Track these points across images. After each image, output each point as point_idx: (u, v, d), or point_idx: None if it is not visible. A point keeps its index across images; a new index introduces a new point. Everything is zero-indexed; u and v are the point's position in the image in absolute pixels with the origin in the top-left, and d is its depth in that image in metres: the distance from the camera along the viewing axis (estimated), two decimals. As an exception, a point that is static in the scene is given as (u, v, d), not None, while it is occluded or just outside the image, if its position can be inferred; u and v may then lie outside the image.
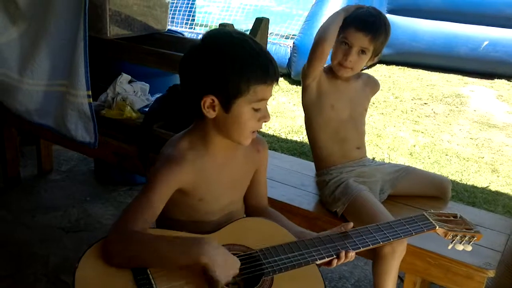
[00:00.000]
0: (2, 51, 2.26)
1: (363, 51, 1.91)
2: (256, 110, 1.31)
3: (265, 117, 1.33)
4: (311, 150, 2.10)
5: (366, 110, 2.12)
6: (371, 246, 1.41)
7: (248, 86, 1.26)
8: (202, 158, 1.34)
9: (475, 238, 1.52)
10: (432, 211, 1.59)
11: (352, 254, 1.37)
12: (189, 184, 1.32)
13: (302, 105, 2.04)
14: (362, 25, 1.88)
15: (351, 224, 1.43)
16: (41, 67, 2.21)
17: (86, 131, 2.18)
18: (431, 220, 1.53)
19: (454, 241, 1.52)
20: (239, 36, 1.33)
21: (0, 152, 2.94)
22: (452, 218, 1.57)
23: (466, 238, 1.51)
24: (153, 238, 1.22)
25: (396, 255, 1.70)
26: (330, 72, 2.00)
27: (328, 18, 1.94)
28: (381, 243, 1.42)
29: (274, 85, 1.32)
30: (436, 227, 1.51)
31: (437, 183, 2.08)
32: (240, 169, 1.45)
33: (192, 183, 1.33)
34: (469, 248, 1.53)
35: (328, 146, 2.02)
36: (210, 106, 1.29)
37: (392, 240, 1.44)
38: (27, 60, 2.23)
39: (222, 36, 1.34)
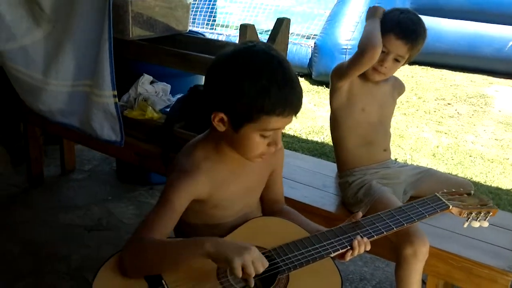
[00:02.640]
0: (26, 53, 2.29)
1: (398, 58, 1.88)
2: (266, 136, 1.26)
3: (276, 144, 1.27)
4: (335, 151, 2.07)
5: (393, 112, 2.10)
6: (384, 233, 1.37)
7: (259, 115, 1.20)
8: (216, 167, 1.33)
9: (491, 214, 1.47)
10: (444, 190, 1.53)
11: (366, 243, 1.33)
12: (204, 193, 1.32)
13: (331, 107, 2.01)
14: (403, 33, 1.83)
15: (360, 214, 1.41)
16: (66, 67, 2.24)
17: (112, 130, 2.21)
18: (444, 200, 1.48)
19: (470, 219, 1.47)
20: (273, 59, 1.23)
21: (24, 151, 2.99)
22: (466, 196, 1.52)
23: (482, 214, 1.46)
24: (159, 242, 1.23)
25: (419, 258, 1.66)
26: (362, 74, 1.94)
27: (368, 26, 1.87)
28: (394, 228, 1.38)
29: (292, 117, 1.25)
30: (449, 206, 1.46)
31: (459, 186, 2.05)
32: (255, 174, 1.44)
33: (207, 192, 1.32)
34: (485, 224, 1.48)
35: (355, 149, 1.99)
36: (220, 121, 1.26)
37: (405, 224, 1.40)
38: (52, 61, 2.26)
39: (253, 54, 1.23)
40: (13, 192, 2.94)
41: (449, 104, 5.04)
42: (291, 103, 1.22)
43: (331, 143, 2.08)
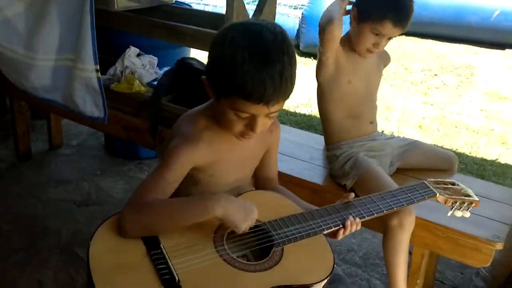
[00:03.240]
0: (8, 26, 2.23)
1: (391, 37, 1.89)
2: (239, 116, 1.23)
3: (251, 129, 1.24)
4: (322, 124, 2.08)
5: (379, 84, 2.10)
6: (375, 214, 1.42)
7: (230, 92, 1.19)
8: (217, 137, 1.34)
9: (473, 205, 1.53)
10: (431, 179, 1.59)
11: (357, 223, 1.38)
12: (203, 161, 1.33)
13: (317, 80, 2.00)
14: (400, 20, 1.81)
15: (352, 195, 1.44)
16: (48, 41, 2.19)
17: (95, 106, 2.18)
18: (431, 187, 1.54)
19: (454, 208, 1.53)
20: (262, 40, 1.16)
21: (11, 127, 2.96)
22: (451, 186, 1.58)
23: (465, 204, 1.52)
24: (166, 200, 1.25)
25: (405, 228, 1.70)
26: (348, 45, 1.93)
27: (330, 6, 1.88)
28: (384, 211, 1.43)
29: (266, 107, 1.18)
30: (436, 194, 1.52)
31: (444, 158, 2.09)
32: (251, 148, 1.45)
33: (206, 161, 1.33)
34: (467, 214, 1.55)
35: (342, 121, 1.99)
36: (208, 87, 1.28)
37: (395, 208, 1.45)
38: (33, 35, 2.21)
39: (246, 28, 1.20)
40: (1, 168, 2.92)
41: (435, 75, 5.06)
42: (262, 91, 1.15)
43: (318, 116, 2.08)
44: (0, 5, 2.20)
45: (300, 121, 3.78)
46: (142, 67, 2.54)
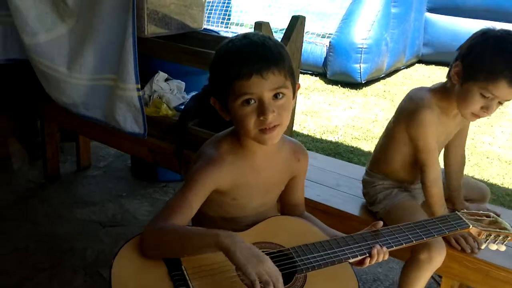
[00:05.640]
0: (51, 47, 2.34)
1: (502, 102, 1.63)
2: (247, 105, 1.23)
3: (263, 114, 1.22)
4: (379, 153, 1.94)
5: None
6: (404, 244, 1.38)
7: (229, 84, 1.23)
8: (241, 161, 1.34)
9: (509, 238, 1.49)
10: (465, 210, 1.56)
11: (385, 252, 1.34)
12: (226, 184, 1.33)
13: (398, 124, 1.83)
14: None
15: (381, 223, 1.41)
16: (89, 62, 2.29)
17: (135, 123, 2.25)
18: (464, 219, 1.49)
19: (488, 241, 1.49)
20: (238, 35, 1.29)
21: (41, 148, 3.03)
22: (485, 218, 1.53)
23: (500, 238, 1.48)
24: (182, 228, 1.24)
25: (433, 265, 1.64)
26: (444, 103, 1.73)
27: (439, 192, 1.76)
28: (414, 242, 1.39)
29: (262, 78, 1.20)
30: (470, 226, 1.47)
31: (476, 189, 2.04)
32: (277, 175, 1.44)
33: (229, 184, 1.33)
34: (502, 248, 1.50)
35: (402, 167, 1.87)
36: (220, 109, 1.31)
37: (425, 238, 1.41)
38: (76, 55, 2.31)
39: (227, 41, 1.30)
40: (30, 188, 2.97)
41: (465, 104, 4.97)
42: (248, 61, 1.20)
43: (345, 143, 2.06)
44: (42, 29, 2.32)
45: (326, 148, 3.75)
46: (170, 91, 2.58)
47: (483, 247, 1.51)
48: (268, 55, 1.22)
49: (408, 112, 1.77)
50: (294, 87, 1.31)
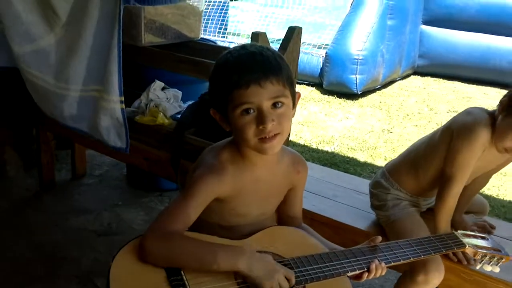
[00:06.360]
0: (40, 56, 2.33)
1: None
2: (247, 114, 1.23)
3: (262, 123, 1.22)
4: (401, 162, 1.94)
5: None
6: (401, 261, 1.39)
7: (226, 95, 1.24)
8: (241, 171, 1.34)
9: (504, 260, 1.52)
10: (462, 231, 1.58)
11: (383, 268, 1.35)
12: (225, 193, 1.33)
13: (444, 131, 1.81)
14: None
15: (379, 238, 1.42)
16: (76, 72, 2.25)
17: (118, 137, 2.21)
18: (461, 239, 1.52)
19: (483, 262, 1.53)
20: (236, 47, 1.31)
21: (36, 156, 3.02)
22: (481, 239, 1.57)
23: (495, 259, 1.52)
24: (193, 240, 1.23)
25: (429, 286, 1.66)
26: (492, 136, 1.70)
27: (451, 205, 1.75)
28: (411, 258, 1.41)
29: (259, 87, 1.21)
30: (466, 246, 1.51)
31: (476, 201, 2.04)
32: (276, 185, 1.44)
33: (228, 193, 1.33)
34: (497, 269, 1.53)
35: (428, 182, 1.86)
36: (220, 120, 1.32)
37: (422, 256, 1.43)
38: (63, 66, 2.29)
39: (226, 52, 1.31)
40: (25, 196, 2.96)
41: (461, 116, 4.99)
42: (246, 71, 1.21)
43: (341, 153, 2.06)
44: (31, 38, 2.30)
45: (322, 158, 3.75)
46: (166, 100, 2.58)
47: (478, 267, 1.53)
48: (266, 64, 1.23)
49: (463, 123, 1.74)
50: (293, 96, 1.32)
